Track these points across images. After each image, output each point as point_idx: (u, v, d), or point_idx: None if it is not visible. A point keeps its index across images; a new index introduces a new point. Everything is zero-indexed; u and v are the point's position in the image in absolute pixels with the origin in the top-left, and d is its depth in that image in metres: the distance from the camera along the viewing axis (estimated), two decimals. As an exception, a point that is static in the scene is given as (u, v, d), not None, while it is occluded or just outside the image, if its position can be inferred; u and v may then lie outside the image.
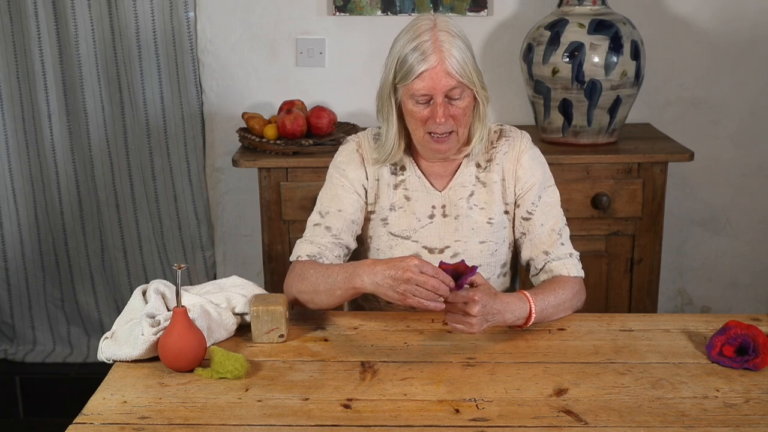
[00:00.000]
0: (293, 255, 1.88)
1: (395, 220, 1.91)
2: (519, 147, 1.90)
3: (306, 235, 1.89)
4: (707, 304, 3.17)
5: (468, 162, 1.90)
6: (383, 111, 1.85)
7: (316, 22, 2.96)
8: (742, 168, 3.05)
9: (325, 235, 1.87)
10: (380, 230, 1.91)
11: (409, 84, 1.76)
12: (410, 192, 1.91)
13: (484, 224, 1.89)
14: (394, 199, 1.91)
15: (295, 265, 1.85)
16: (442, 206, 1.90)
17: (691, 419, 1.43)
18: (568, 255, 1.88)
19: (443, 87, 1.75)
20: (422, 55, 1.73)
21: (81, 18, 2.89)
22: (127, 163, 3.03)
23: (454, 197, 1.90)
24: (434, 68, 1.73)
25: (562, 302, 1.80)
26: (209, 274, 3.12)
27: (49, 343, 3.23)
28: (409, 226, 1.90)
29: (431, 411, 1.46)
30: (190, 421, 1.43)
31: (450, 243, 1.89)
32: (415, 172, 1.90)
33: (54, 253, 3.14)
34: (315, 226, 1.89)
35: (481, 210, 1.90)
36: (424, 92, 1.75)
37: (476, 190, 1.90)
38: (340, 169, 1.92)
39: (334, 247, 1.86)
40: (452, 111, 1.77)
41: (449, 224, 1.89)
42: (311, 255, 1.84)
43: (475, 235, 1.89)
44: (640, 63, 2.60)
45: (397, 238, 1.90)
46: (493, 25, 2.95)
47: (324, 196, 1.92)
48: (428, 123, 1.78)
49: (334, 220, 1.87)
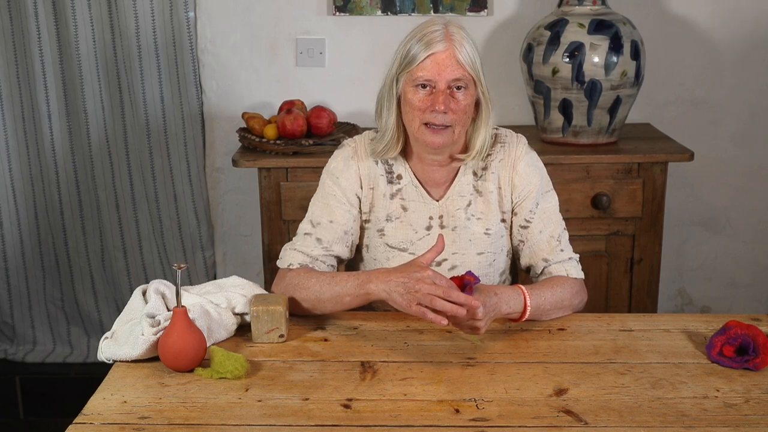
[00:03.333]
0: (282, 262, 1.86)
1: (392, 231, 1.87)
2: (514, 154, 1.86)
3: (296, 244, 1.86)
4: (707, 304, 3.17)
5: (465, 170, 1.86)
6: (383, 103, 1.81)
7: (316, 22, 2.96)
8: (742, 168, 3.05)
9: (316, 246, 1.84)
10: (377, 241, 1.89)
11: (413, 69, 1.73)
12: (407, 202, 1.86)
13: (481, 235, 1.86)
14: (391, 210, 1.87)
15: (286, 274, 1.82)
16: (440, 216, 1.86)
17: (691, 419, 1.43)
18: (567, 259, 1.86)
19: (449, 74, 1.71)
20: (429, 42, 1.71)
21: (81, 18, 2.89)
22: (127, 163, 3.03)
23: (451, 207, 1.86)
24: (442, 53, 1.71)
25: (559, 299, 1.78)
26: (209, 274, 3.12)
27: (49, 343, 3.23)
28: (406, 237, 1.86)
29: (431, 411, 1.46)
30: (190, 421, 1.43)
31: (448, 256, 1.86)
32: (412, 181, 1.86)
33: (54, 253, 3.14)
34: (306, 235, 1.86)
35: (478, 220, 1.86)
36: (428, 77, 1.72)
37: (473, 200, 1.86)
38: (334, 177, 1.87)
39: (325, 258, 1.84)
40: (453, 104, 1.73)
41: (447, 236, 1.83)
42: (303, 264, 1.83)
43: (473, 247, 1.87)
44: (640, 63, 2.60)
45: (394, 249, 1.87)
46: (493, 25, 2.95)
47: (316, 204, 1.88)
48: (426, 112, 1.74)
49: (325, 232, 1.85)
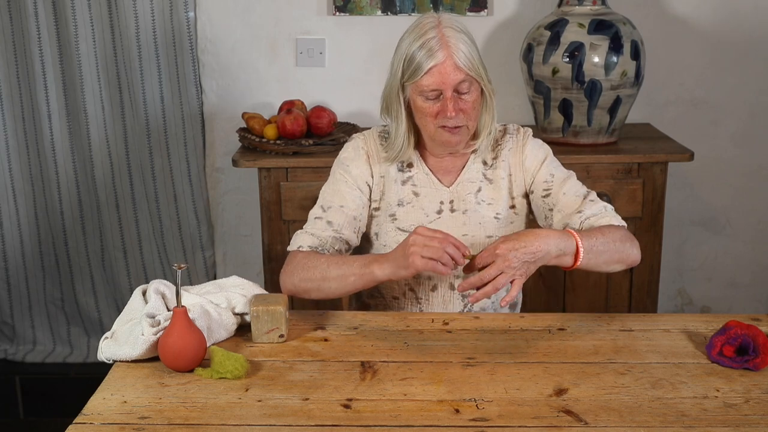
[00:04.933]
0: (292, 245, 1.88)
1: (404, 215, 1.92)
2: (522, 140, 1.94)
3: (306, 227, 1.90)
4: (707, 304, 3.17)
5: (475, 158, 1.93)
6: (392, 109, 1.87)
7: (316, 22, 2.96)
8: (742, 168, 3.05)
9: (327, 229, 1.87)
10: (388, 226, 1.93)
11: (417, 81, 1.78)
12: (418, 188, 1.93)
13: (491, 219, 1.92)
14: (402, 195, 1.92)
15: (296, 254, 1.85)
16: (450, 201, 1.92)
17: (691, 419, 1.42)
18: (603, 208, 1.84)
19: (452, 81, 1.77)
20: (429, 52, 1.76)
21: (81, 18, 2.89)
22: (127, 163, 3.03)
23: (462, 192, 1.92)
24: (443, 63, 1.76)
25: (612, 242, 1.74)
26: (209, 274, 3.12)
27: (49, 343, 3.23)
28: (417, 221, 1.91)
29: (431, 411, 1.46)
30: (190, 421, 1.43)
31: (458, 238, 1.88)
32: (423, 169, 1.93)
33: (54, 253, 3.14)
34: (316, 219, 1.90)
35: (488, 205, 1.92)
36: (434, 87, 1.78)
37: (483, 186, 1.93)
38: (344, 165, 1.93)
39: (335, 242, 1.87)
40: (461, 105, 1.80)
41: (457, 219, 1.92)
42: (312, 246, 1.85)
43: (483, 230, 1.92)
44: (640, 63, 2.60)
45: (405, 233, 1.91)
46: (493, 25, 2.95)
47: (327, 190, 1.93)
48: (439, 117, 1.80)
49: (336, 215, 1.88)
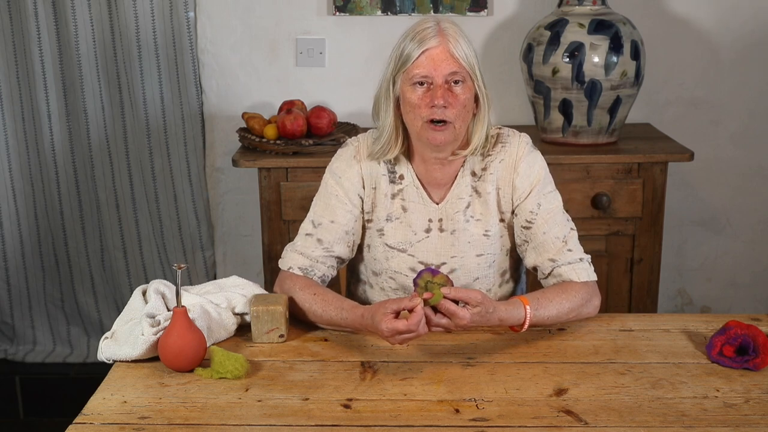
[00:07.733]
0: (283, 263, 1.87)
1: (391, 231, 1.87)
2: (516, 154, 1.84)
3: (297, 245, 1.87)
4: (707, 304, 3.17)
5: (464, 171, 1.85)
6: (380, 105, 1.81)
7: (316, 22, 2.96)
8: (742, 168, 3.05)
9: (317, 247, 1.85)
10: (377, 240, 1.89)
11: (408, 67, 1.73)
12: (407, 203, 1.87)
13: (480, 237, 1.86)
14: (391, 210, 1.87)
15: (286, 278, 1.84)
16: (439, 220, 1.86)
17: (691, 419, 1.43)
18: (578, 260, 1.81)
19: (444, 69, 1.71)
20: (423, 39, 1.72)
21: (81, 18, 2.89)
22: (127, 163, 3.03)
23: (450, 211, 1.86)
24: (436, 48, 1.71)
25: (567, 305, 1.75)
26: (209, 274, 3.12)
27: (49, 343, 3.23)
28: (405, 238, 1.87)
29: (431, 411, 1.46)
30: (190, 421, 1.43)
31: (447, 259, 1.86)
32: (413, 182, 1.86)
33: (54, 253, 3.14)
34: (307, 236, 1.87)
35: (477, 222, 1.86)
36: (425, 73, 1.72)
37: (472, 201, 1.86)
38: (336, 177, 1.88)
39: (325, 259, 1.85)
40: (451, 99, 1.72)
41: (446, 239, 1.85)
42: (302, 268, 1.84)
43: (472, 249, 1.86)
44: (640, 63, 2.60)
45: (393, 250, 1.87)
46: (493, 25, 2.95)
47: (318, 203, 1.89)
48: (426, 109, 1.73)
49: (326, 233, 1.85)
